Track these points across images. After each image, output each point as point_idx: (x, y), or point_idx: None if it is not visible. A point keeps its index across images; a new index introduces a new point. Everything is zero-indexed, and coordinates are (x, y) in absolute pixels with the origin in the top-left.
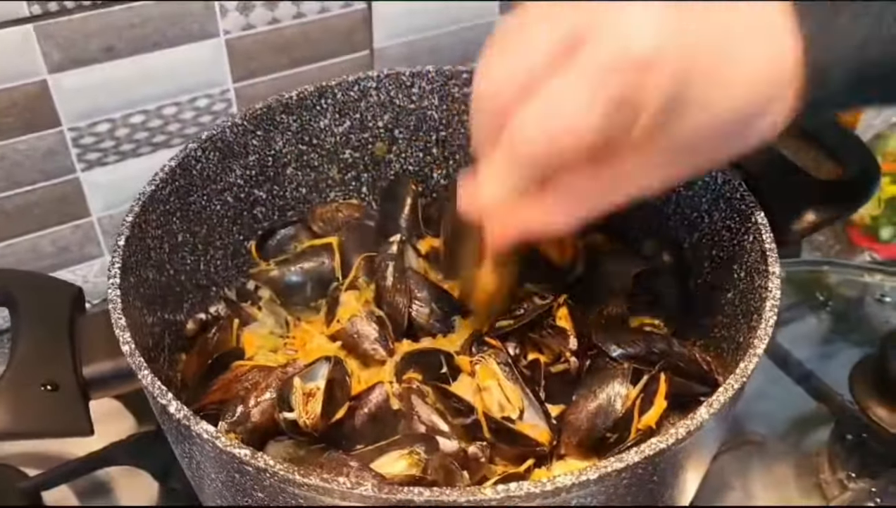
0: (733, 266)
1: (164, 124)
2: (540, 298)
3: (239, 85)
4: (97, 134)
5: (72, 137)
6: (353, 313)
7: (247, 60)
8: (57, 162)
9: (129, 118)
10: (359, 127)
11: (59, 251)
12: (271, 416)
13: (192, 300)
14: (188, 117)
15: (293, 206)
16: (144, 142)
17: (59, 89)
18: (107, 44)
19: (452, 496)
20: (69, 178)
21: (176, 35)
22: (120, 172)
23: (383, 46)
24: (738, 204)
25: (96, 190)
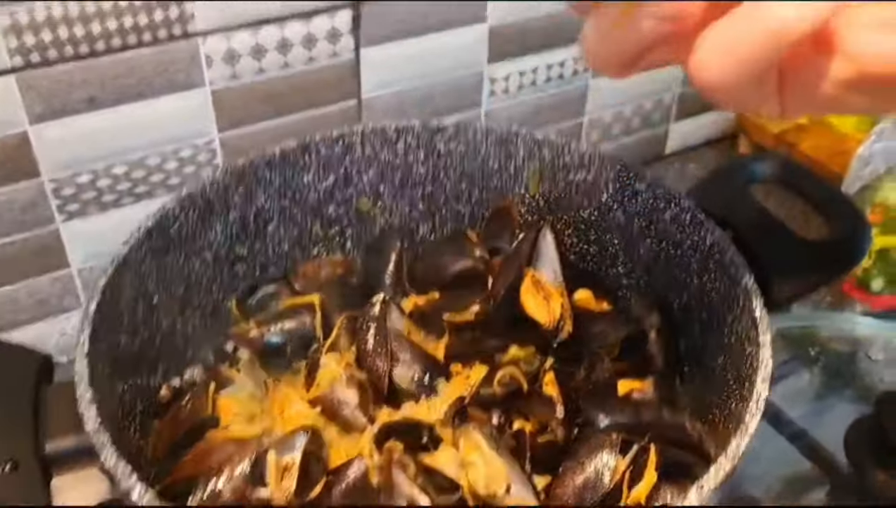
0: (724, 330)
1: (148, 175)
2: (525, 363)
3: (224, 135)
4: (78, 185)
5: (52, 189)
6: (334, 378)
7: (232, 111)
8: (36, 213)
9: (112, 169)
10: (343, 182)
11: (37, 304)
12: (244, 493)
13: (167, 363)
14: (172, 168)
15: (275, 262)
16: (127, 193)
17: (40, 140)
18: (89, 95)
19: None
20: (49, 229)
21: (161, 85)
22: (101, 223)
23: (371, 96)
24: (727, 267)
25: (76, 241)
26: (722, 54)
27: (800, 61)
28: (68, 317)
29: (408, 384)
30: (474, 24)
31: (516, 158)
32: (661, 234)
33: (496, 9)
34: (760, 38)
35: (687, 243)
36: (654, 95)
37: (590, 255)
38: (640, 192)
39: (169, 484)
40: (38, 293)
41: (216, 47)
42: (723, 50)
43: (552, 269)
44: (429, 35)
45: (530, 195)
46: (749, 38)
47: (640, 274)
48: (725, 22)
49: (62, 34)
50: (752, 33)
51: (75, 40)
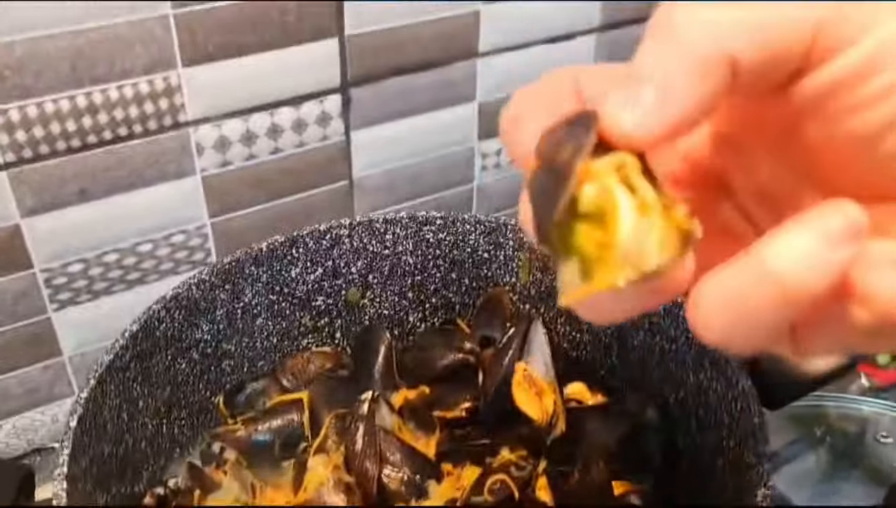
0: (722, 433)
1: (139, 262)
2: (517, 467)
3: (215, 220)
4: (70, 274)
5: (44, 279)
6: (321, 483)
7: (223, 196)
8: (28, 303)
9: (103, 257)
10: (331, 274)
11: (27, 392)
12: None
13: (152, 468)
14: (164, 254)
15: (263, 356)
16: (118, 280)
17: (31, 232)
18: (81, 187)
19: None
20: (40, 318)
21: (152, 175)
22: (93, 310)
23: (362, 176)
24: (723, 367)
25: (68, 329)
26: (724, 312)
27: (812, 308)
28: (60, 404)
29: (397, 487)
30: (464, 103)
31: (506, 247)
32: (655, 327)
33: (485, 86)
34: (768, 300)
35: (682, 339)
36: None
37: (583, 344)
38: None
39: None
40: (29, 382)
41: (207, 136)
42: (725, 307)
43: (544, 362)
44: (419, 115)
45: (521, 284)
46: (755, 298)
47: (635, 367)
48: (727, 274)
49: (54, 129)
50: (759, 294)
51: (67, 134)
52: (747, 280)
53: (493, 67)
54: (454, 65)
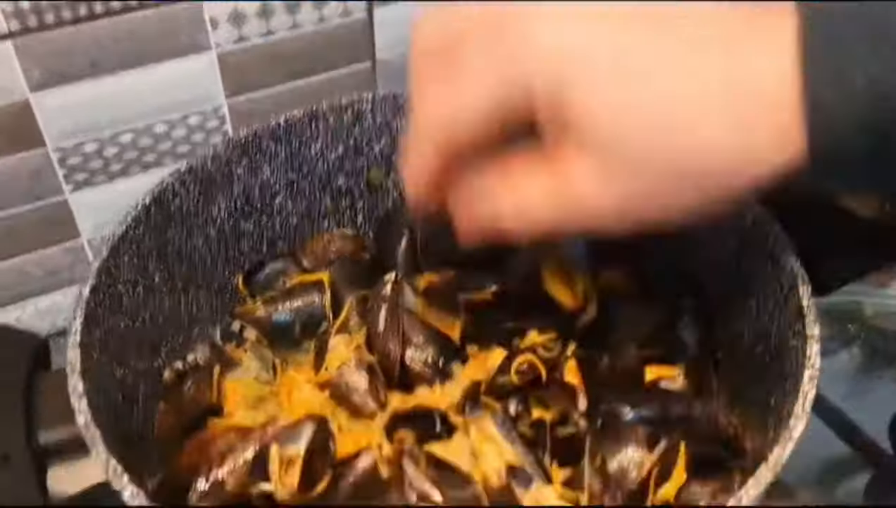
0: (765, 318)
1: (155, 143)
2: (545, 349)
3: (233, 101)
4: (84, 154)
5: (58, 158)
6: (343, 362)
7: (240, 75)
8: (43, 183)
9: (118, 137)
10: (353, 152)
11: (47, 275)
12: (246, 486)
13: (170, 345)
14: (180, 136)
15: (283, 236)
16: (135, 161)
17: (42, 108)
18: (90, 60)
19: None
20: (56, 199)
21: (164, 49)
22: (110, 192)
23: (386, 57)
24: (769, 247)
25: (85, 211)
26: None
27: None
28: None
29: (420, 368)
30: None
31: None
32: None
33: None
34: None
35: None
36: None
37: None
38: None
39: (170, 475)
40: (48, 264)
41: (221, 8)
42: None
43: (577, 249)
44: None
45: None
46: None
47: (673, 252)
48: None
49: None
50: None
51: (73, 2)
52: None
53: None
54: None
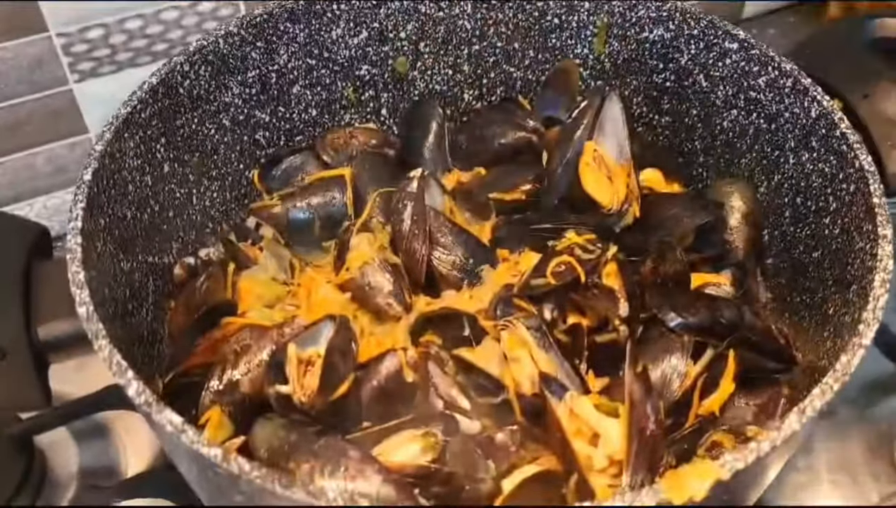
0: (824, 220)
1: (165, 31)
2: (583, 250)
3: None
4: (89, 41)
5: (61, 44)
6: (366, 261)
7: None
8: (46, 72)
9: (125, 23)
10: (377, 39)
11: (55, 171)
12: (263, 387)
13: (182, 240)
14: (191, 23)
15: (301, 130)
16: (143, 51)
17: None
18: None
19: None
20: (61, 90)
21: None
22: (118, 83)
23: None
24: (836, 144)
25: (92, 103)
26: None
27: None
28: None
29: (448, 270)
30: None
31: (580, 11)
32: (752, 103)
33: None
34: None
35: (785, 115)
36: None
37: (661, 127)
38: (730, 52)
39: (181, 373)
40: (56, 160)
41: None
42: None
43: (618, 143)
44: None
45: (595, 56)
46: None
47: (722, 151)
48: None
49: None
50: None
51: None
52: None
53: None
54: None
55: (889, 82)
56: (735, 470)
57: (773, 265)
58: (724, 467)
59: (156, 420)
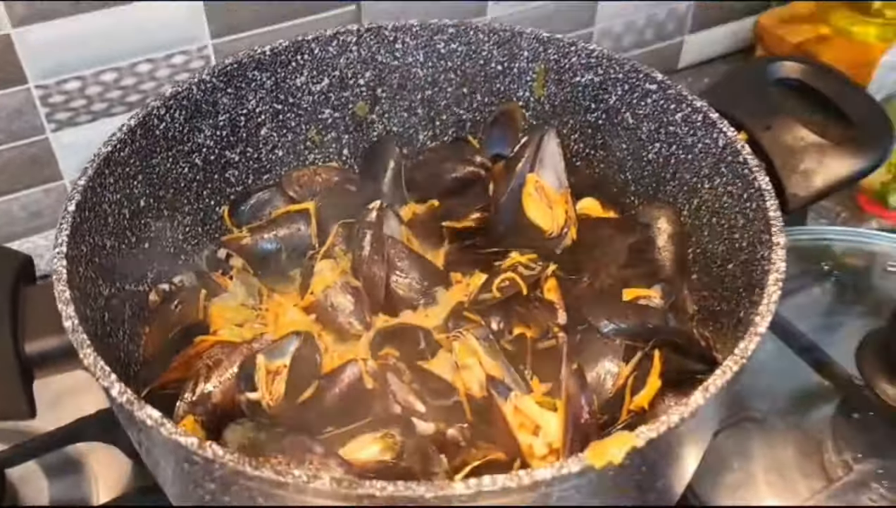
0: (735, 235)
1: (139, 82)
2: (526, 268)
3: (217, 41)
4: (66, 92)
5: (39, 96)
6: (328, 285)
7: (225, 15)
8: (25, 122)
9: (101, 76)
10: (338, 85)
11: (30, 216)
12: (234, 396)
13: (156, 270)
14: (164, 75)
15: (269, 169)
16: (118, 101)
17: (24, 45)
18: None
19: (419, 490)
20: (38, 138)
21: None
22: (93, 132)
23: (372, 2)
24: (740, 169)
25: (68, 151)
26: None
27: None
28: None
29: (405, 292)
30: None
31: (520, 59)
32: (672, 137)
33: None
34: None
35: (699, 146)
36: (669, 3)
37: (597, 160)
38: (651, 92)
39: (157, 388)
40: (31, 206)
41: None
42: None
43: (556, 174)
44: None
45: (535, 99)
46: None
47: (649, 179)
48: None
49: None
50: None
51: None
52: None
53: None
54: None
55: (787, 116)
56: (648, 439)
57: (697, 279)
58: (639, 437)
59: (137, 417)
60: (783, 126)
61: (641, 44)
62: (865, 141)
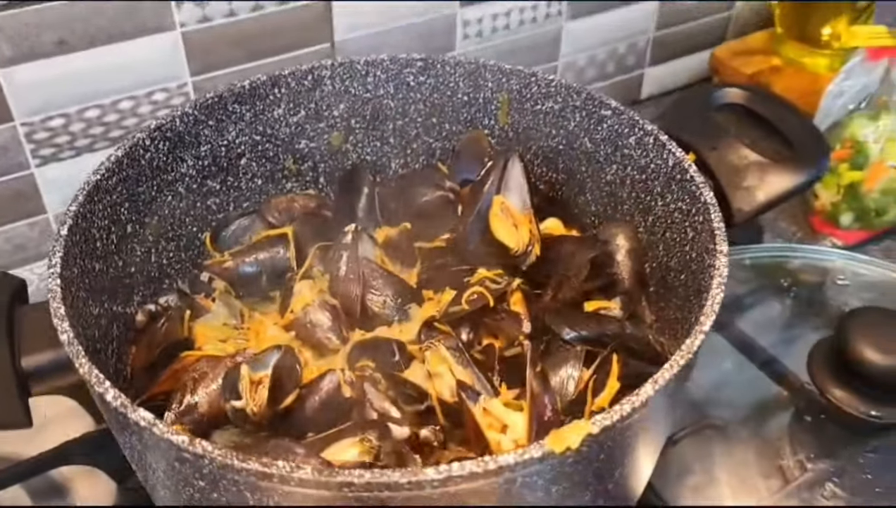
0: (686, 248)
1: (121, 119)
2: (493, 282)
3: (197, 79)
4: (51, 129)
5: (25, 133)
6: (307, 303)
7: (204, 54)
8: (9, 158)
9: (84, 113)
10: (314, 117)
11: (14, 249)
12: (220, 406)
13: (142, 292)
14: (145, 112)
15: (248, 197)
16: (101, 137)
17: (10, 84)
18: (59, 37)
19: (393, 477)
20: (23, 174)
21: (131, 28)
22: (76, 167)
23: (344, 39)
24: (688, 186)
25: (52, 186)
26: None
27: None
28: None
29: (380, 308)
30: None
31: (485, 89)
32: (627, 158)
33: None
34: None
35: (651, 166)
36: (629, 38)
37: (558, 183)
38: (606, 118)
39: (146, 400)
40: (15, 239)
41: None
42: None
43: (521, 197)
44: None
45: (499, 126)
46: None
47: (608, 199)
48: None
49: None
50: None
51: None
52: None
53: None
54: None
55: (732, 138)
56: (602, 426)
57: (654, 291)
58: (594, 424)
59: (131, 419)
60: (728, 147)
61: (604, 77)
62: (802, 159)
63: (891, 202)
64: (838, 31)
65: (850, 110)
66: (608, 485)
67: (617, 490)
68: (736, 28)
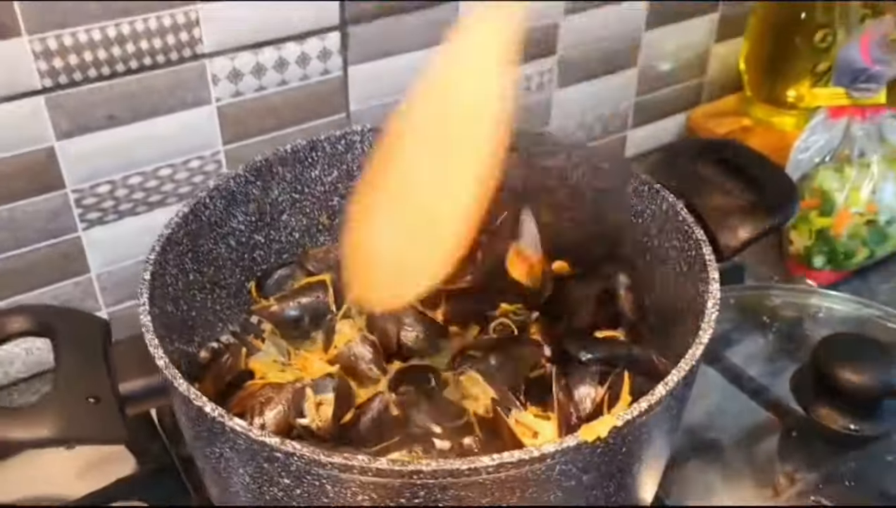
0: (681, 280)
1: (160, 184)
2: (515, 314)
3: (229, 147)
4: (98, 195)
5: (75, 199)
6: (350, 339)
7: (236, 124)
8: (60, 222)
9: (128, 179)
10: (346, 176)
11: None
12: (286, 424)
13: (201, 334)
14: (182, 177)
15: (288, 249)
16: (141, 201)
17: (65, 155)
18: (110, 112)
19: (455, 464)
20: (71, 237)
21: (172, 103)
22: (118, 229)
23: (358, 109)
24: (680, 225)
25: (96, 248)
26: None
27: None
28: None
29: (413, 342)
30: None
31: None
32: (625, 206)
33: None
34: None
35: (647, 211)
36: (612, 103)
37: (565, 230)
38: (605, 171)
39: None
40: (61, 297)
41: (222, 67)
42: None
43: (533, 244)
44: (411, 52)
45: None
46: None
47: (609, 242)
48: None
49: (87, 57)
50: None
51: (98, 63)
52: None
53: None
54: (441, 6)
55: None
56: (626, 420)
57: (654, 322)
58: (618, 418)
59: (228, 426)
60: (711, 193)
61: (591, 138)
62: (775, 202)
63: (858, 245)
64: (802, 94)
65: (816, 163)
66: (628, 479)
67: (635, 484)
68: (709, 92)
